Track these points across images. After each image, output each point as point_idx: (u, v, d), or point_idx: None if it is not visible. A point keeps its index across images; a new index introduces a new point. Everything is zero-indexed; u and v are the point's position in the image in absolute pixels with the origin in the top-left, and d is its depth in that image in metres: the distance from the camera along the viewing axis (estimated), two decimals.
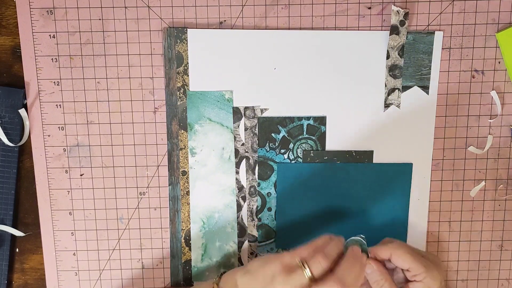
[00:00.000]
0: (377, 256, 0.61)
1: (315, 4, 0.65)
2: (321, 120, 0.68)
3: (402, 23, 0.65)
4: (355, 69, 0.66)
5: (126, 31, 0.65)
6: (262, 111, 0.67)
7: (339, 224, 0.70)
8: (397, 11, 0.65)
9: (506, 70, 0.66)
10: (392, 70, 0.66)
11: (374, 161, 0.69)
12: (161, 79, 0.67)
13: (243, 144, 0.68)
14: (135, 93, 0.67)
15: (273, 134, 0.68)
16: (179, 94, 0.67)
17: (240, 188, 0.69)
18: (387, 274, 0.60)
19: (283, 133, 0.68)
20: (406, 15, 0.65)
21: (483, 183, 0.70)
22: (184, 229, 0.70)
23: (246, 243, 0.71)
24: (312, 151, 0.69)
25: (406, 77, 0.67)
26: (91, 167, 0.69)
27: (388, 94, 0.67)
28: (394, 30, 0.65)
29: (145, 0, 0.65)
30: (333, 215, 0.70)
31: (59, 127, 0.68)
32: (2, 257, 0.70)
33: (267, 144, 0.68)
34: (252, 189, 0.70)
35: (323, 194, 0.69)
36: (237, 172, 0.69)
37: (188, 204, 0.69)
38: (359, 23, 0.66)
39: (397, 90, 0.67)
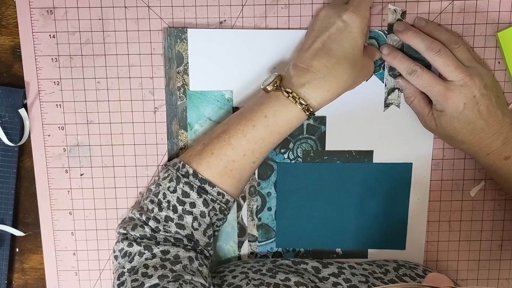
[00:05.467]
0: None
1: (315, 4, 0.65)
2: (321, 120, 0.68)
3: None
4: None
5: (126, 31, 0.65)
6: None
7: (339, 224, 0.70)
8: (394, 10, 0.65)
9: (506, 70, 0.66)
10: (392, 69, 0.66)
11: (374, 161, 0.69)
12: (161, 79, 0.67)
13: None
14: (135, 93, 0.67)
15: None
16: (179, 94, 0.67)
17: None
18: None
19: None
20: (403, 14, 0.65)
21: (483, 182, 0.70)
22: None
23: (246, 243, 0.71)
24: (312, 151, 0.69)
25: None
26: (91, 167, 0.69)
27: (388, 94, 0.67)
28: (392, 29, 0.65)
29: (145, 0, 0.65)
30: (333, 215, 0.70)
31: (59, 127, 0.68)
32: (2, 257, 0.70)
33: None
34: (252, 188, 0.70)
35: (323, 194, 0.69)
36: None
37: None
38: None
39: (397, 90, 0.67)
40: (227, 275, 0.62)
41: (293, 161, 0.69)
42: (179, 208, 0.60)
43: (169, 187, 0.61)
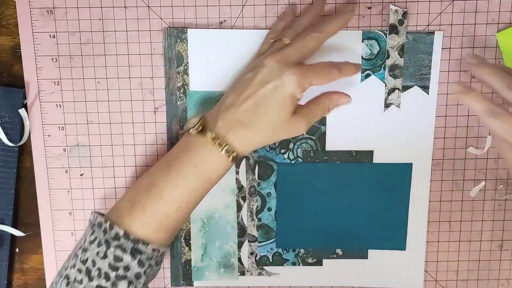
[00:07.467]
0: None
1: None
2: (321, 120, 0.68)
3: (400, 22, 0.65)
4: None
5: (126, 31, 0.66)
6: None
7: (339, 224, 0.70)
8: (396, 10, 0.65)
9: None
10: (392, 70, 0.66)
11: (374, 161, 0.69)
12: (161, 79, 0.67)
13: None
14: (135, 93, 0.67)
15: None
16: (179, 94, 0.67)
17: (240, 188, 0.69)
18: None
19: None
20: (404, 14, 0.65)
21: (483, 183, 0.70)
22: (184, 229, 0.70)
23: (246, 243, 0.71)
24: (312, 151, 0.69)
25: (406, 77, 0.67)
26: (91, 167, 0.69)
27: (388, 94, 0.67)
28: (393, 30, 0.65)
29: (145, 0, 0.65)
30: (333, 215, 0.70)
31: (59, 127, 0.68)
32: (2, 257, 0.70)
33: None
34: (252, 189, 0.70)
35: (323, 194, 0.69)
36: (237, 172, 0.69)
37: None
38: (359, 23, 0.66)
39: (397, 90, 0.67)
40: None
41: (293, 161, 0.69)
42: (112, 274, 0.54)
43: (98, 252, 0.55)
